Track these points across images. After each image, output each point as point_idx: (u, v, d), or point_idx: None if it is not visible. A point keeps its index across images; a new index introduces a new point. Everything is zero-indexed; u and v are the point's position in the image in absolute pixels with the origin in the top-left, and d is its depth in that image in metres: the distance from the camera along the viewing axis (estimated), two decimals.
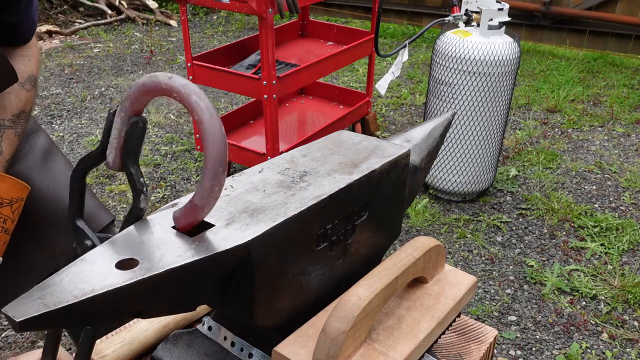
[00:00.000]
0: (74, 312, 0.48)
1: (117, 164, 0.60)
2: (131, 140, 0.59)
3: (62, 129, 3.53)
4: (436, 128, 0.97)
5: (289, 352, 0.66)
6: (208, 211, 0.59)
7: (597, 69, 4.57)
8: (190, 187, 2.93)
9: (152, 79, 0.57)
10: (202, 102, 0.55)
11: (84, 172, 0.64)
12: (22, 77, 1.10)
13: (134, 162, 0.60)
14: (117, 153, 0.60)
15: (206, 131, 0.55)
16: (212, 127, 0.55)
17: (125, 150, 0.60)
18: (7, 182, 1.04)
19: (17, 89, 1.09)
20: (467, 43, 2.44)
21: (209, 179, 0.57)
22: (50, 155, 1.24)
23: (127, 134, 0.59)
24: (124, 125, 0.60)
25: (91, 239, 0.62)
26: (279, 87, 2.47)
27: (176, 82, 0.55)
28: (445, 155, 2.68)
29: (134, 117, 0.59)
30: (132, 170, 0.60)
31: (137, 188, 0.60)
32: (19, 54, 1.12)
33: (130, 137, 0.59)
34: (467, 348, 0.82)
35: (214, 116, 0.55)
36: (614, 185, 2.99)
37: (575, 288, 2.25)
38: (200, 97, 0.55)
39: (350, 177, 0.73)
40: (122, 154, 0.60)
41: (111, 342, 0.81)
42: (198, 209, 0.58)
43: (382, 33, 5.46)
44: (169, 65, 4.58)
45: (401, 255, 0.75)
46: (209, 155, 0.56)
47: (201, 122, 0.55)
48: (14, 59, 1.09)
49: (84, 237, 0.63)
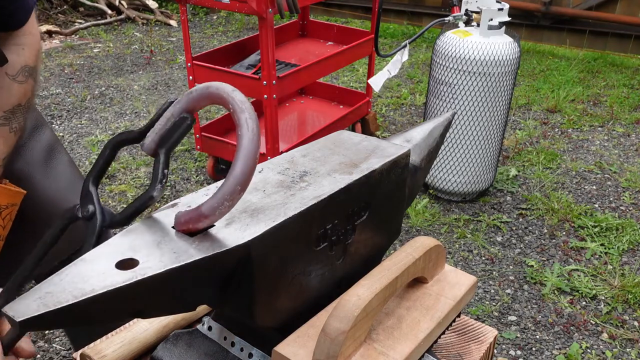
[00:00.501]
0: (73, 312, 0.48)
1: (151, 149, 0.63)
2: (173, 132, 0.62)
3: (62, 129, 3.53)
4: (436, 128, 0.97)
5: (289, 352, 0.66)
6: (212, 222, 0.59)
7: (597, 69, 4.57)
8: (190, 187, 2.93)
9: (217, 87, 0.61)
10: (252, 121, 0.57)
11: (117, 144, 0.66)
12: (13, 69, 1.02)
13: (166, 152, 0.62)
14: (156, 138, 0.63)
15: (242, 147, 0.57)
16: (249, 147, 0.57)
17: (163, 138, 0.63)
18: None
19: (7, 82, 1.01)
20: (467, 43, 2.44)
21: (225, 193, 0.57)
22: (54, 152, 1.20)
23: (173, 124, 0.62)
24: (172, 117, 0.63)
25: (95, 206, 0.64)
26: (279, 87, 2.47)
27: (236, 97, 0.59)
28: (445, 155, 2.68)
29: (185, 114, 0.62)
30: (161, 158, 0.62)
31: (158, 176, 0.61)
32: (11, 43, 1.03)
33: (174, 128, 0.62)
34: (467, 348, 0.82)
35: (256, 139, 0.57)
36: (614, 185, 2.99)
37: (575, 288, 2.25)
38: (251, 116, 0.58)
39: (350, 177, 0.73)
40: (159, 141, 0.63)
41: (111, 342, 0.81)
42: (203, 217, 0.58)
43: (382, 33, 5.46)
44: (169, 65, 4.58)
45: (401, 255, 0.75)
46: (234, 171, 0.57)
47: (241, 138, 0.57)
48: (5, 48, 1.01)
49: (89, 202, 0.65)
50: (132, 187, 2.91)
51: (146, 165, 3.11)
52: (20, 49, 1.04)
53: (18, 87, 1.03)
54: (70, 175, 1.21)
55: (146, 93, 4.05)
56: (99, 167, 0.66)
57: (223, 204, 0.57)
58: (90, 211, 0.64)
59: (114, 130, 3.50)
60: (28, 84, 1.05)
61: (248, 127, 0.57)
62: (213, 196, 0.58)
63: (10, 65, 1.01)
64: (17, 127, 1.05)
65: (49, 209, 1.15)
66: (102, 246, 0.56)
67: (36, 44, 1.08)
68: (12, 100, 1.03)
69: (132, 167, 3.11)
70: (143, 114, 3.72)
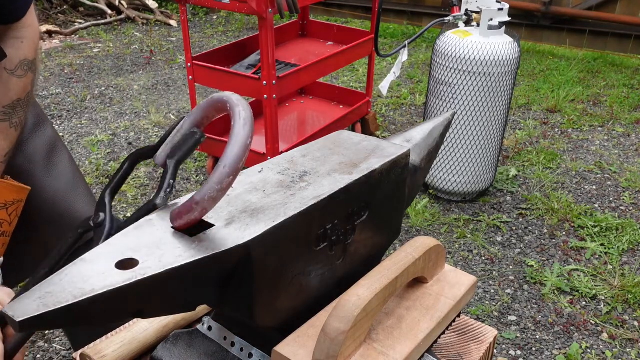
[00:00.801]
0: (73, 312, 0.48)
1: (161, 160, 0.67)
2: (182, 145, 0.66)
3: (62, 129, 3.53)
4: (436, 128, 0.97)
5: (289, 352, 0.66)
6: (204, 209, 0.59)
7: (597, 69, 4.57)
8: (190, 187, 2.93)
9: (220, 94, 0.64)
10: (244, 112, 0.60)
11: (136, 159, 0.70)
12: (12, 63, 1.00)
13: (175, 164, 0.65)
14: (166, 150, 0.67)
15: (233, 133, 0.58)
16: (240, 132, 0.58)
17: (173, 150, 0.66)
18: (2, 186, 1.00)
19: (6, 77, 1.00)
20: (467, 43, 2.44)
21: (216, 180, 0.57)
22: (55, 150, 1.19)
23: (183, 137, 0.66)
24: (182, 129, 0.66)
25: (105, 214, 0.67)
26: (279, 87, 2.47)
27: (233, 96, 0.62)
28: (445, 155, 2.68)
29: (195, 128, 0.66)
30: (169, 169, 0.65)
31: (163, 186, 0.64)
32: (10, 36, 1.01)
33: (184, 141, 0.66)
34: (467, 348, 0.82)
35: (247, 126, 0.59)
36: (614, 185, 2.99)
37: (575, 288, 2.25)
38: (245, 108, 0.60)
39: (350, 177, 0.73)
40: (169, 152, 0.66)
41: (111, 342, 0.81)
42: (194, 204, 0.58)
43: (382, 33, 5.46)
44: (169, 66, 4.58)
45: (401, 255, 0.75)
46: (224, 156, 0.58)
47: (233, 126, 0.59)
48: (4, 42, 0.99)
49: (101, 210, 0.67)
50: (132, 187, 2.91)
51: (146, 166, 3.11)
52: (19, 42, 1.02)
53: (17, 81, 1.02)
54: (71, 173, 1.20)
55: (146, 93, 4.05)
56: (117, 179, 0.69)
57: (212, 188, 0.57)
58: (100, 218, 0.66)
59: (114, 130, 3.50)
60: (27, 78, 1.04)
61: (240, 116, 0.59)
62: (204, 184, 0.58)
63: (9, 59, 0.99)
64: (17, 122, 1.04)
65: (49, 207, 1.15)
66: (102, 246, 0.56)
67: (35, 37, 1.06)
68: (11, 95, 1.01)
69: None
70: (143, 114, 3.72)
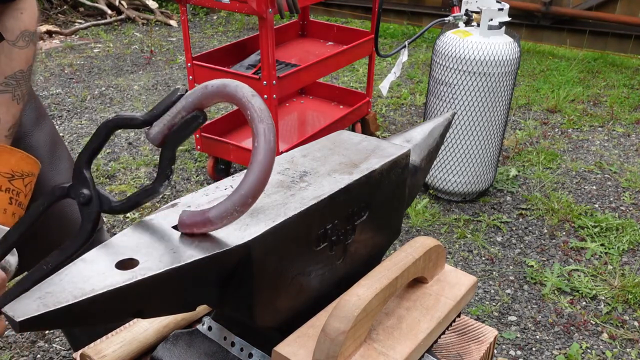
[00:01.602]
0: (73, 312, 0.48)
1: (158, 139, 0.62)
2: (183, 127, 0.61)
3: (62, 129, 3.53)
4: (436, 128, 0.97)
5: (289, 352, 0.66)
6: (217, 229, 0.59)
7: (597, 69, 4.57)
8: (190, 187, 2.93)
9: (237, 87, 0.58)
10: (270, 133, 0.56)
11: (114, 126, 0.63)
12: (12, 34, 0.99)
13: (173, 147, 0.61)
14: (164, 130, 0.61)
15: (257, 160, 0.56)
16: (264, 160, 0.56)
17: (173, 132, 0.61)
18: (17, 155, 1.00)
19: (7, 48, 0.99)
20: (467, 43, 2.44)
21: (236, 203, 0.57)
22: (57, 145, 1.19)
23: (184, 120, 0.61)
24: (184, 111, 0.61)
25: (90, 191, 0.62)
26: (279, 87, 2.47)
27: (256, 104, 0.57)
28: (445, 155, 2.68)
29: (197, 111, 0.61)
30: (169, 152, 0.61)
31: (165, 171, 0.61)
32: (10, 7, 1.00)
33: (185, 124, 0.61)
34: (467, 348, 0.82)
35: (272, 152, 0.56)
36: (614, 185, 2.99)
37: (575, 288, 2.25)
38: (269, 128, 0.56)
39: (350, 177, 0.73)
40: (167, 133, 0.61)
41: (111, 342, 0.81)
42: (209, 223, 0.58)
43: (382, 33, 5.45)
44: (169, 66, 4.58)
45: (401, 255, 0.75)
46: (247, 182, 0.57)
47: (257, 149, 0.56)
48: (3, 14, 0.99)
49: (83, 186, 0.63)
50: (132, 187, 2.91)
51: (146, 165, 3.11)
52: (18, 13, 1.01)
53: (18, 52, 1.01)
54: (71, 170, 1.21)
55: (146, 93, 4.05)
56: (93, 147, 0.64)
57: (232, 214, 0.57)
58: (85, 196, 0.62)
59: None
60: (29, 50, 1.03)
61: (265, 138, 0.56)
62: (222, 203, 0.57)
63: (9, 30, 0.98)
64: (19, 94, 1.02)
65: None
66: (102, 246, 0.56)
67: (34, 8, 1.05)
68: (13, 65, 1.00)
69: (132, 167, 3.11)
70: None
